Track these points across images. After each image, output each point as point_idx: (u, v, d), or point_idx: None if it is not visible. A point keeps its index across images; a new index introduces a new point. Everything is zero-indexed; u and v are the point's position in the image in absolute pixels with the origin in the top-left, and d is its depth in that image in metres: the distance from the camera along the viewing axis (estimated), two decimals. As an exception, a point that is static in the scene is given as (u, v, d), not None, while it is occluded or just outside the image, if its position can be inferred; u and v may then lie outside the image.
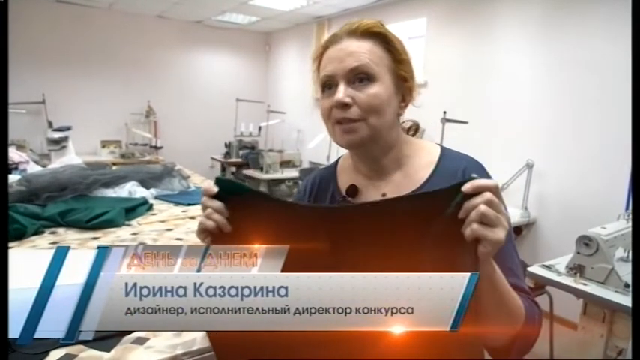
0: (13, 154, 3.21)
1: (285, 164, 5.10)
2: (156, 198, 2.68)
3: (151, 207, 2.46)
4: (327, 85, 0.81)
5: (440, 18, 3.97)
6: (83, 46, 5.47)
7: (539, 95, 3.19)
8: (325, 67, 0.81)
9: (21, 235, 1.90)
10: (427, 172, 0.83)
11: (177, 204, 2.61)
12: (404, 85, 0.82)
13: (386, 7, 4.47)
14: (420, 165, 0.84)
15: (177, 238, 1.98)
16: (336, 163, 0.95)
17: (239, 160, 5.52)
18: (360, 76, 0.77)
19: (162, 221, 2.25)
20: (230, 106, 5.91)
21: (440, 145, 0.88)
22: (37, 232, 1.97)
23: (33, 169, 3.13)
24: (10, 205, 2.13)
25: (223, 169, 5.88)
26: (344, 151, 0.92)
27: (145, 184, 2.76)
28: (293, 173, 4.88)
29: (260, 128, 5.64)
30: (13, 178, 2.86)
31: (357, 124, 0.77)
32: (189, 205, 2.60)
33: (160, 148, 5.78)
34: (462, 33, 3.78)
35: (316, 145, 4.66)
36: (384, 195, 0.84)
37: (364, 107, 0.77)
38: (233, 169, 5.65)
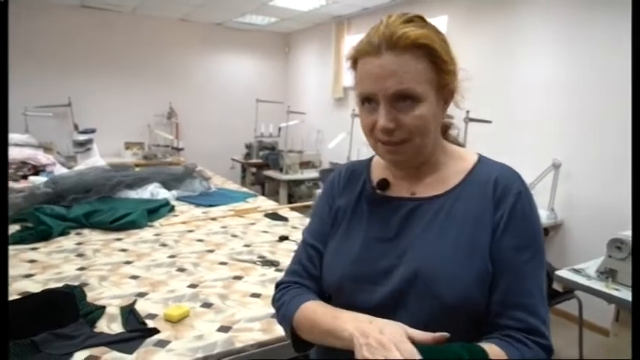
0: (41, 157, 3.29)
1: (305, 165, 5.08)
2: (177, 199, 2.70)
3: (172, 208, 2.49)
4: (367, 100, 0.75)
5: (462, 16, 3.90)
6: (108, 49, 5.57)
7: (566, 95, 3.09)
8: (363, 82, 0.74)
9: (47, 236, 1.94)
10: (459, 178, 0.80)
11: (198, 205, 2.63)
12: (445, 90, 0.76)
13: (406, 5, 4.41)
14: (453, 171, 0.81)
15: (199, 240, 1.99)
16: (372, 157, 0.92)
17: (259, 160, 5.53)
18: (403, 97, 0.71)
19: (184, 222, 2.26)
20: (250, 107, 5.93)
21: (479, 153, 0.84)
22: (63, 232, 2.01)
23: (59, 170, 3.20)
24: (37, 207, 2.17)
25: (244, 170, 5.91)
26: (365, 152, 0.90)
27: (167, 185, 2.79)
28: (313, 174, 4.86)
29: (280, 129, 5.64)
30: (40, 179, 2.94)
31: (400, 146, 0.74)
32: (210, 206, 2.62)
33: (182, 149, 5.84)
34: (484, 31, 3.70)
35: (336, 145, 4.63)
36: (413, 193, 0.82)
37: (409, 129, 0.72)
38: (253, 169, 5.67)
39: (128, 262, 1.68)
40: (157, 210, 2.36)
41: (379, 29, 0.74)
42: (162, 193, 2.61)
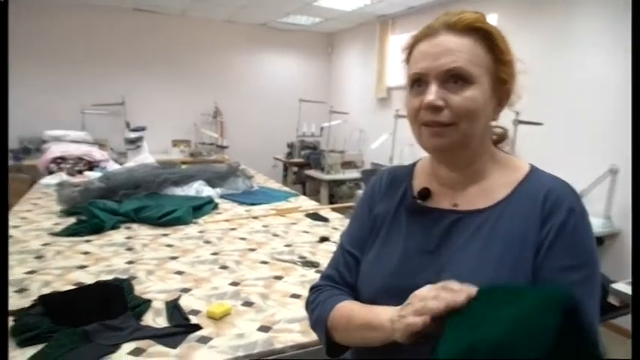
0: (95, 153, 3.46)
1: (347, 165, 5.06)
2: (221, 197, 2.76)
3: (216, 206, 2.54)
4: (417, 82, 0.73)
5: (512, 14, 3.75)
6: (158, 50, 5.79)
7: (624, 96, 2.91)
8: (417, 62, 0.73)
9: (100, 229, 2.03)
10: (506, 190, 0.75)
11: (240, 203, 2.67)
12: (502, 87, 0.74)
13: (453, 3, 4.30)
14: (500, 182, 0.76)
15: (241, 238, 2.02)
16: (415, 163, 0.90)
17: (301, 160, 5.57)
18: (455, 77, 0.69)
19: (227, 220, 2.31)
20: (293, 106, 5.99)
21: (531, 164, 0.79)
22: (114, 226, 2.10)
23: (112, 166, 3.35)
24: (90, 201, 2.28)
25: (285, 169, 5.97)
26: (407, 153, 0.87)
27: (211, 183, 2.85)
28: (354, 174, 4.84)
29: (322, 128, 5.66)
30: (94, 174, 3.09)
31: (447, 128, 0.71)
32: (252, 204, 2.66)
33: (226, 147, 5.97)
34: (536, 29, 3.54)
35: (379, 145, 4.59)
36: (455, 205, 0.78)
37: (457, 111, 0.69)
38: (295, 168, 5.71)
39: (173, 258, 1.73)
40: (201, 207, 2.42)
41: (439, 17, 0.74)
42: (206, 191, 2.68)
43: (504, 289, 0.57)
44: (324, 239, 2.02)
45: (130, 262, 1.67)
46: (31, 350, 1.05)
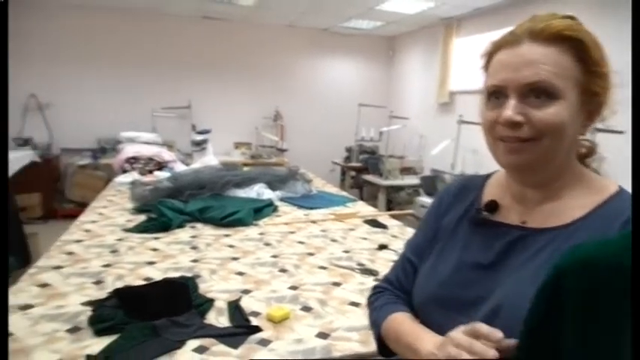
0: (164, 154, 3.66)
1: (406, 171, 4.98)
2: (280, 200, 2.81)
3: (276, 208, 2.59)
4: (495, 94, 0.68)
5: (592, 14, 3.50)
6: (223, 56, 6.03)
7: None
8: (495, 73, 0.68)
9: (167, 227, 2.13)
10: (582, 212, 0.67)
11: (300, 207, 2.70)
12: (593, 100, 0.67)
13: (524, 4, 4.09)
14: (579, 203, 0.68)
15: (300, 242, 2.04)
16: (491, 174, 0.85)
17: (359, 164, 5.56)
18: (537, 92, 0.63)
19: (286, 223, 2.34)
20: (352, 110, 5.99)
21: (620, 186, 0.70)
22: (180, 225, 2.20)
23: (179, 167, 3.52)
24: (160, 200, 2.41)
25: (343, 173, 5.98)
26: (470, 160, 0.84)
27: (272, 185, 2.91)
28: (414, 180, 4.74)
29: (381, 133, 5.61)
30: (163, 174, 3.26)
31: (526, 143, 0.65)
32: (311, 208, 2.68)
33: (285, 150, 6.09)
34: (618, 30, 3.28)
35: (440, 151, 4.47)
36: (523, 222, 0.73)
37: (539, 127, 0.64)
38: (353, 173, 5.70)
39: (235, 259, 1.78)
40: (261, 209, 2.47)
41: (524, 23, 0.68)
42: (267, 194, 2.73)
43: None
44: (382, 247, 1.99)
45: (195, 261, 1.73)
46: (106, 340, 1.12)
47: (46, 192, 5.18)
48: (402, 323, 0.78)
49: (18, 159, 4.43)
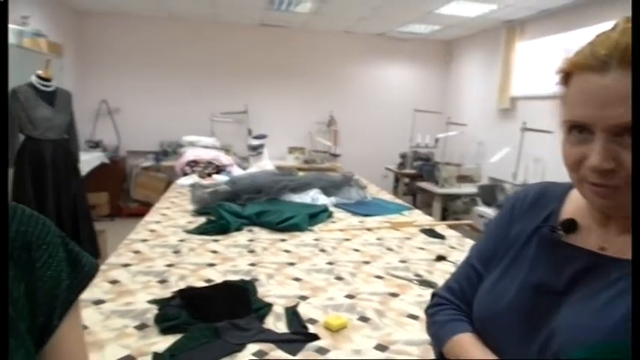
0: (223, 158, 3.77)
1: (463, 179, 4.82)
2: (335, 206, 2.80)
3: (330, 214, 2.59)
4: (577, 128, 0.59)
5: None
6: (280, 62, 6.15)
7: None
8: (578, 106, 0.59)
9: (226, 230, 2.19)
10: None
11: (354, 214, 2.68)
12: None
13: (595, 5, 3.85)
14: None
15: (355, 249, 2.02)
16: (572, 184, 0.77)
17: (413, 171, 5.45)
18: (630, 130, 0.54)
19: (341, 230, 2.33)
20: (407, 116, 5.90)
21: None
22: (238, 228, 2.25)
23: (236, 171, 3.62)
24: (219, 203, 2.48)
25: (397, 180, 5.89)
26: (534, 169, 0.76)
27: (326, 191, 2.91)
28: (471, 189, 4.58)
29: (437, 140, 5.47)
30: (221, 178, 3.36)
31: (618, 190, 0.57)
32: (365, 215, 2.65)
33: (338, 155, 6.10)
34: None
35: (499, 160, 4.28)
36: (602, 248, 0.65)
37: (631, 174, 0.55)
38: (406, 179, 5.61)
39: (291, 264, 1.80)
40: (316, 215, 2.48)
41: (610, 37, 0.56)
42: (321, 199, 2.74)
43: None
44: (441, 258, 1.93)
45: (252, 265, 1.77)
46: (171, 338, 1.16)
47: (113, 191, 5.52)
48: (468, 349, 0.73)
49: (90, 160, 4.75)
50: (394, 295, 1.53)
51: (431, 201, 4.91)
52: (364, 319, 1.34)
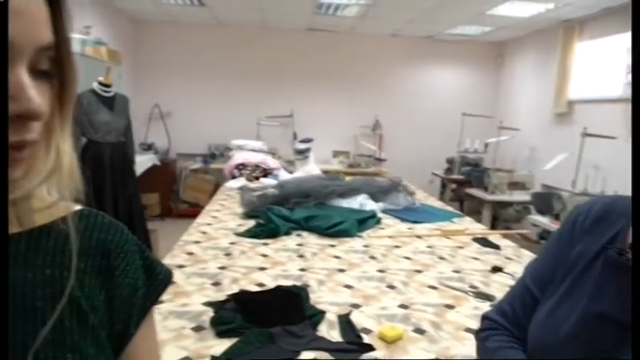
0: (270, 161, 3.82)
1: (514, 185, 4.63)
2: (383, 211, 2.76)
3: (379, 220, 2.55)
4: None
5: None
6: (325, 66, 6.17)
7: None
8: None
9: (275, 234, 2.20)
10: None
11: (403, 220, 2.63)
12: None
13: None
14: None
15: (406, 257, 1.98)
16: None
17: (461, 177, 5.29)
18: None
19: (390, 237, 2.29)
20: (455, 120, 5.75)
21: None
22: (287, 232, 2.26)
23: (283, 174, 3.65)
24: (268, 206, 2.50)
25: (443, 185, 5.75)
26: (593, 176, 0.67)
27: (374, 197, 2.87)
28: (523, 196, 4.38)
29: (486, 144, 5.30)
30: (268, 181, 3.39)
31: None
32: (414, 222, 2.59)
33: (384, 160, 6.03)
34: None
35: (554, 166, 4.08)
36: None
37: None
38: (454, 185, 5.46)
39: (341, 270, 1.78)
40: (365, 221, 2.45)
41: None
42: (369, 205, 2.71)
43: None
44: (497, 269, 1.85)
45: (303, 270, 1.76)
46: (227, 342, 1.17)
47: (163, 192, 5.72)
48: None
49: (143, 162, 4.95)
50: (449, 306, 1.48)
51: (479, 208, 4.75)
52: (420, 330, 1.30)
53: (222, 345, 1.16)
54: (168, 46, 5.98)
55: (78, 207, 0.52)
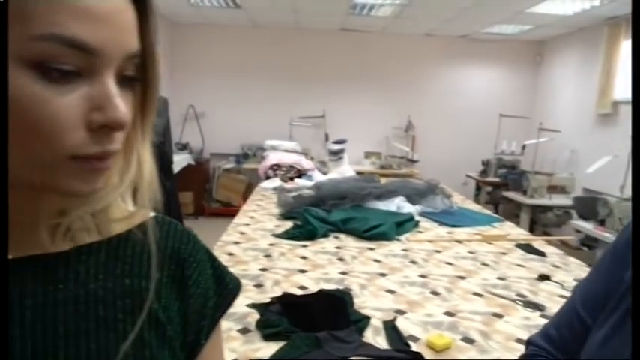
0: (304, 162, 3.82)
1: (553, 189, 4.47)
2: (420, 215, 2.72)
3: (417, 224, 2.51)
4: None
5: None
6: (358, 66, 6.14)
7: None
8: None
9: (313, 236, 2.20)
10: None
11: (441, 224, 2.58)
12: None
13: None
14: None
15: (447, 262, 1.94)
16: None
17: (496, 179, 5.16)
18: None
19: (430, 241, 2.25)
20: (490, 121, 5.62)
21: None
22: (325, 234, 2.25)
23: (317, 175, 3.64)
24: (305, 208, 2.50)
25: (478, 188, 5.62)
26: None
27: (411, 199, 2.83)
28: (564, 200, 4.23)
29: (524, 147, 5.14)
30: (303, 182, 3.40)
31: None
32: (453, 226, 2.54)
33: (416, 161, 5.95)
34: None
35: (597, 170, 3.92)
36: None
37: None
38: (489, 188, 5.33)
39: (382, 275, 1.75)
40: (403, 224, 2.42)
41: None
42: (407, 207, 2.67)
43: None
44: (544, 277, 1.78)
45: (343, 273, 1.75)
46: (273, 345, 1.17)
47: (197, 192, 5.83)
48: None
49: (178, 162, 5.05)
50: (498, 315, 1.43)
51: (515, 212, 4.62)
52: (468, 339, 1.27)
53: (268, 348, 1.16)
54: (204, 48, 6.08)
55: (152, 214, 0.51)
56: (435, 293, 1.59)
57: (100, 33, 0.36)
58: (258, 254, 1.94)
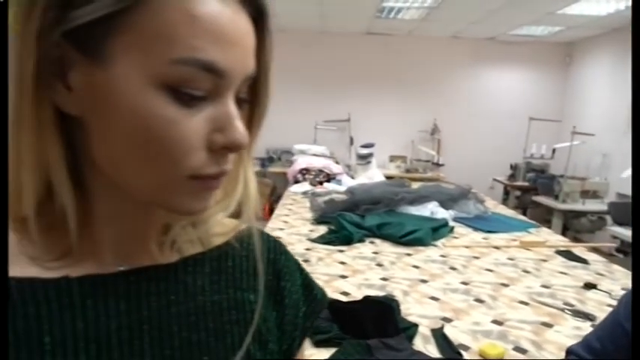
0: (332, 166, 3.83)
1: (586, 194, 4.36)
2: (454, 220, 2.69)
3: (452, 229, 2.49)
4: None
5: None
6: (383, 69, 6.11)
7: None
8: None
9: (349, 241, 2.20)
10: None
11: (475, 229, 2.55)
12: None
13: None
14: None
15: (488, 269, 1.91)
16: None
17: (525, 183, 5.07)
18: None
19: (467, 247, 2.22)
20: (520, 124, 5.52)
21: None
22: (360, 239, 2.25)
23: (346, 179, 3.65)
24: (339, 213, 2.50)
25: (506, 192, 5.53)
26: None
27: (443, 204, 2.81)
28: (597, 205, 4.12)
29: (554, 150, 5.04)
30: (332, 186, 3.40)
31: None
32: (488, 232, 2.51)
33: (442, 165, 5.89)
34: None
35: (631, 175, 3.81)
36: None
37: None
38: (517, 192, 5.24)
39: (423, 281, 1.74)
40: (438, 229, 2.40)
41: None
42: (440, 213, 2.65)
43: None
44: (590, 286, 1.74)
45: (384, 279, 1.74)
46: (324, 352, 1.18)
47: (223, 194, 5.88)
48: None
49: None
50: (547, 325, 1.41)
51: (546, 216, 4.53)
52: (520, 349, 1.25)
53: (319, 354, 1.17)
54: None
55: (244, 225, 0.52)
56: (480, 301, 1.58)
57: (230, 56, 0.37)
58: (297, 259, 1.93)
